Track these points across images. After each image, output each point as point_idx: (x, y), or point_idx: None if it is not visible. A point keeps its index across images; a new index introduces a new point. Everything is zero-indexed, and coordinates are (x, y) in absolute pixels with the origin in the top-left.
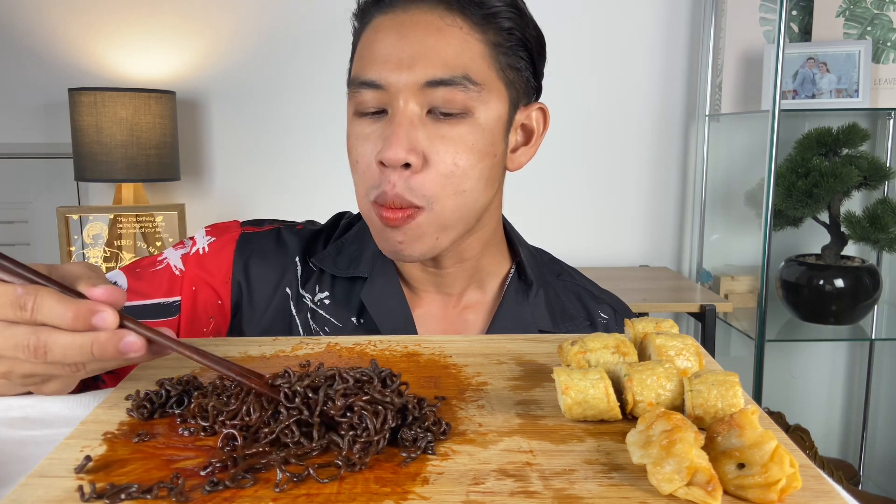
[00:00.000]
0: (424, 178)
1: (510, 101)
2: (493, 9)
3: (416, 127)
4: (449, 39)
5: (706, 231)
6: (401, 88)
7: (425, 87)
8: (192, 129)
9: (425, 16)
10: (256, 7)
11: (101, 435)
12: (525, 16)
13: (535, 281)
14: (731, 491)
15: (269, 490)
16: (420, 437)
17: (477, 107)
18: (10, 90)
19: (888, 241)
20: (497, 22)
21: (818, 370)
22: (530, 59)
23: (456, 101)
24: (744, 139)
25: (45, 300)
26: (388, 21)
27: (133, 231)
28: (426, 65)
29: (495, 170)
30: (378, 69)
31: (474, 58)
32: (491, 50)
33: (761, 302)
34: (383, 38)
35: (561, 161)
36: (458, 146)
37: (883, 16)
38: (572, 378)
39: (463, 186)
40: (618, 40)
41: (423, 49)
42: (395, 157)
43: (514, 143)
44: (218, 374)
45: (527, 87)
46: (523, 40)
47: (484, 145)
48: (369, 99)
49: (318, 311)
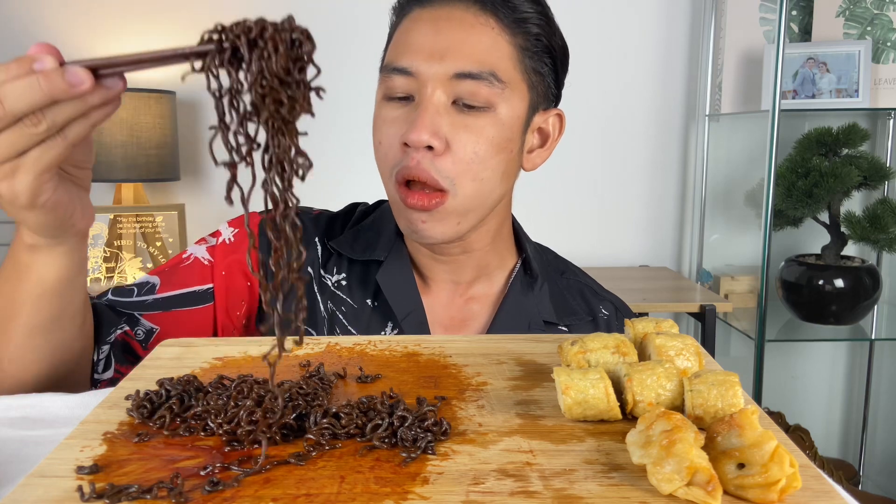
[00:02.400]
0: (446, 160)
1: (530, 103)
2: (524, 14)
3: (440, 114)
4: (480, 37)
5: (706, 231)
6: (430, 77)
7: (453, 79)
8: (192, 129)
9: (460, 12)
10: (256, 7)
11: (101, 435)
12: (553, 25)
13: (539, 275)
14: (731, 491)
15: (269, 490)
16: (420, 437)
17: (499, 103)
18: None
19: (888, 241)
20: (526, 27)
21: (818, 370)
22: (553, 67)
23: (480, 94)
24: (744, 139)
25: None
26: (426, 14)
27: (133, 231)
28: (457, 57)
29: (511, 164)
30: (411, 57)
31: (502, 57)
32: (518, 52)
33: (761, 302)
34: (419, 29)
35: (561, 161)
36: (479, 136)
37: (883, 16)
38: (572, 378)
39: (481, 175)
40: (618, 40)
41: (455, 43)
42: (418, 138)
43: (531, 144)
44: (217, 374)
45: (547, 92)
46: (549, 48)
47: (502, 140)
48: (399, 84)
49: (336, 292)
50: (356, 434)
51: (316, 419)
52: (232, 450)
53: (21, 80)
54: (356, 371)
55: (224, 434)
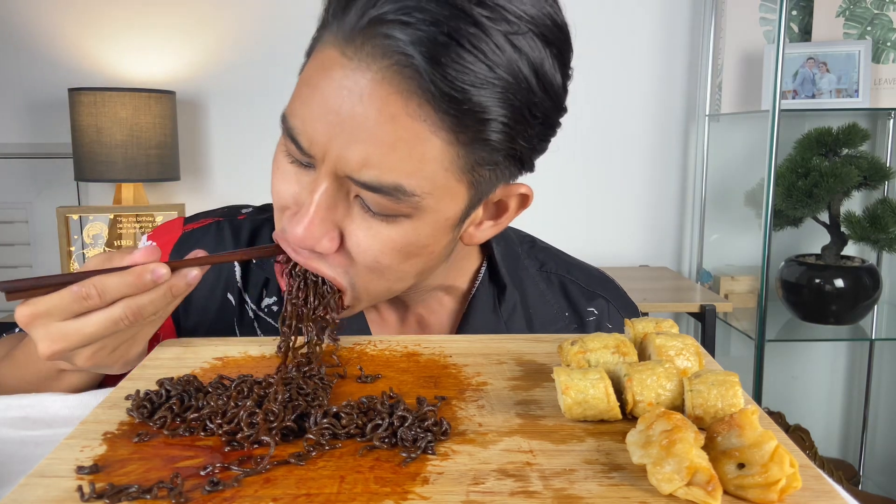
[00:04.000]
0: (340, 258)
1: (469, 202)
2: (480, 117)
3: (335, 210)
4: (400, 133)
5: (706, 231)
6: (328, 167)
7: (353, 181)
8: (192, 129)
9: (383, 90)
10: (256, 7)
11: (101, 435)
12: (533, 110)
13: (508, 283)
14: (731, 491)
15: (269, 490)
16: (420, 437)
17: (414, 213)
18: (10, 90)
19: (888, 241)
20: (482, 129)
21: (818, 370)
22: (518, 155)
23: (385, 207)
24: (744, 139)
25: (105, 282)
26: (340, 72)
27: (133, 231)
28: (356, 157)
29: (435, 259)
30: (308, 134)
31: (428, 163)
32: (460, 150)
33: (761, 302)
34: (327, 94)
35: (561, 161)
36: (385, 245)
37: (883, 16)
38: (572, 378)
39: (388, 277)
40: (618, 40)
41: (361, 135)
42: (302, 242)
43: (480, 217)
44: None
45: (507, 174)
46: (513, 146)
47: (418, 247)
48: (294, 152)
49: (264, 318)
50: (356, 434)
51: (316, 419)
52: (232, 450)
53: (154, 293)
54: (356, 371)
55: (224, 434)
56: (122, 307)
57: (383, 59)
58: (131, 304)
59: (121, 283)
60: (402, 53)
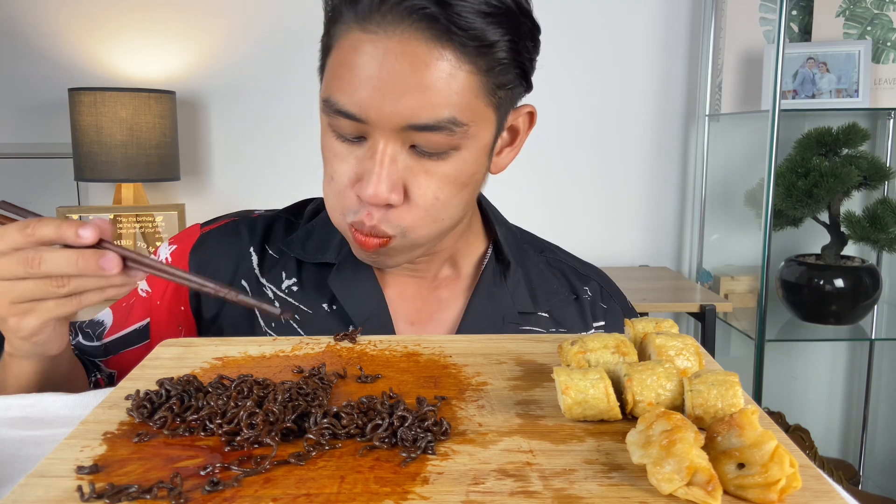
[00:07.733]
0: (403, 211)
1: (498, 123)
2: (489, 41)
3: (396, 163)
4: (436, 75)
5: (706, 231)
6: (382, 125)
7: (408, 129)
8: (192, 129)
9: (411, 46)
10: (256, 7)
11: (101, 435)
12: (521, 30)
13: (512, 260)
14: (731, 491)
15: (269, 490)
16: (420, 437)
17: (463, 143)
18: (10, 90)
19: (888, 241)
20: (492, 53)
21: (818, 370)
22: (523, 71)
23: (440, 144)
24: (744, 139)
25: (45, 225)
26: (369, 44)
27: (133, 231)
28: (410, 106)
29: (477, 188)
30: (357, 102)
31: (463, 93)
32: (482, 77)
33: (761, 302)
34: (363, 65)
35: (561, 161)
36: (441, 181)
37: (883, 16)
38: (572, 378)
39: (441, 216)
40: (618, 40)
41: (406, 87)
42: (375, 199)
43: (499, 146)
44: (217, 374)
45: (515, 94)
46: (518, 61)
47: (468, 175)
48: (346, 126)
49: (287, 299)
50: (356, 434)
51: (316, 419)
52: (232, 450)
53: (64, 252)
54: (356, 371)
55: (224, 435)
56: (30, 250)
57: (403, 21)
58: (38, 251)
59: (49, 230)
60: (419, 8)
